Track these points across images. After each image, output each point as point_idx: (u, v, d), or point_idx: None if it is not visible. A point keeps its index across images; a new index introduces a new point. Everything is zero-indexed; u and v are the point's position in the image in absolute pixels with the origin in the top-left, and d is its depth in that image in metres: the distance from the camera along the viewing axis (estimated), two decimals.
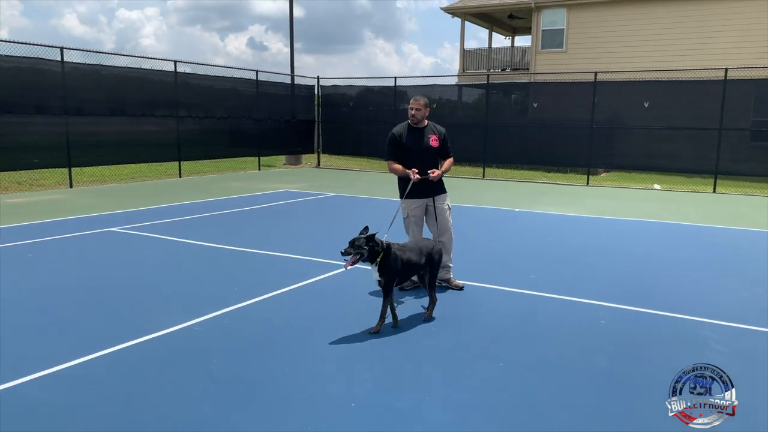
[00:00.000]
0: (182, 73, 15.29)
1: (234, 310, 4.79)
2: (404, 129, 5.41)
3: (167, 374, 3.63)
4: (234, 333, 4.32)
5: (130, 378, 3.57)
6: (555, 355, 4.04)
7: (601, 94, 15.52)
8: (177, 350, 3.98)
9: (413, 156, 5.28)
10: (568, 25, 20.95)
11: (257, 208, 10.25)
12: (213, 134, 16.57)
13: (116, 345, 4.00)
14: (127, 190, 12.35)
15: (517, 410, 3.26)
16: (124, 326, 4.38)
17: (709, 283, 5.89)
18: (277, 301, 5.09)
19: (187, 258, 6.62)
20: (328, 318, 4.69)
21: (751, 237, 8.44)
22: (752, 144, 15.03)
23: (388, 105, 18.64)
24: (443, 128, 5.52)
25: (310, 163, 20.12)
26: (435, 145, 5.36)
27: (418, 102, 5.32)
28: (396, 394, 3.41)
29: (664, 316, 4.83)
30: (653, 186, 14.86)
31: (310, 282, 5.67)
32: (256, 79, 17.52)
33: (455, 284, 5.47)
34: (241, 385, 3.49)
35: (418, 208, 5.38)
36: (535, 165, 17.47)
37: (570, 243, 7.70)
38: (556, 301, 5.20)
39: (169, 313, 4.66)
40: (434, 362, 3.88)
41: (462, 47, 24.32)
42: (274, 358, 3.88)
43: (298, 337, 4.28)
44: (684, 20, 18.88)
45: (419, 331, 4.46)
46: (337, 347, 4.09)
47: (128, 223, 8.43)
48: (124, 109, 13.99)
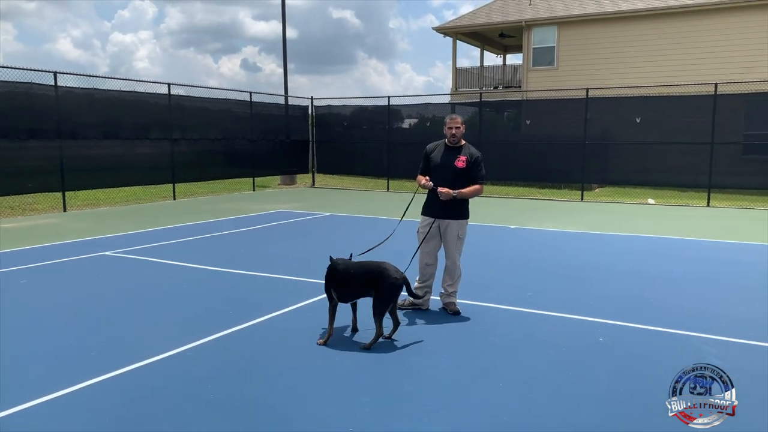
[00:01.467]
0: (176, 95, 15.33)
1: (229, 334, 4.73)
2: (437, 146, 5.34)
3: (163, 401, 3.57)
4: (230, 357, 4.27)
5: (124, 405, 3.50)
6: (554, 373, 4.00)
7: (593, 110, 15.63)
8: (172, 376, 3.92)
9: (435, 173, 5.21)
10: (558, 43, 21.17)
11: (251, 230, 10.22)
12: (207, 156, 16.57)
13: (110, 372, 3.94)
14: (121, 214, 12.30)
15: (518, 430, 3.21)
16: (118, 352, 4.32)
17: (708, 297, 5.87)
18: (272, 324, 5.04)
19: (181, 281, 6.57)
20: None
21: (748, 250, 8.45)
22: (744, 157, 15.13)
23: (382, 124, 18.71)
24: (479, 152, 5.29)
25: (305, 183, 20.13)
26: (460, 165, 5.15)
27: (455, 120, 5.18)
28: (394, 417, 3.36)
29: (664, 332, 4.80)
30: (648, 201, 14.91)
31: (306, 303, 5.62)
32: (250, 101, 17.58)
33: (453, 309, 5.31)
34: (238, 410, 3.43)
35: (426, 226, 5.25)
36: (529, 181, 17.53)
37: (566, 259, 7.68)
38: (554, 319, 5.17)
39: (165, 338, 4.60)
40: (433, 383, 3.83)
41: (454, 66, 24.52)
42: (271, 382, 3.82)
43: (294, 359, 4.23)
44: (673, 36, 19.11)
45: (417, 352, 4.41)
46: (334, 369, 4.04)
47: (122, 247, 8.37)
48: (118, 132, 13.99)
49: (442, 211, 5.17)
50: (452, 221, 5.20)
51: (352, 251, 4.65)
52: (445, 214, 5.18)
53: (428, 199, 5.29)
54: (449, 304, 5.35)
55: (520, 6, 22.81)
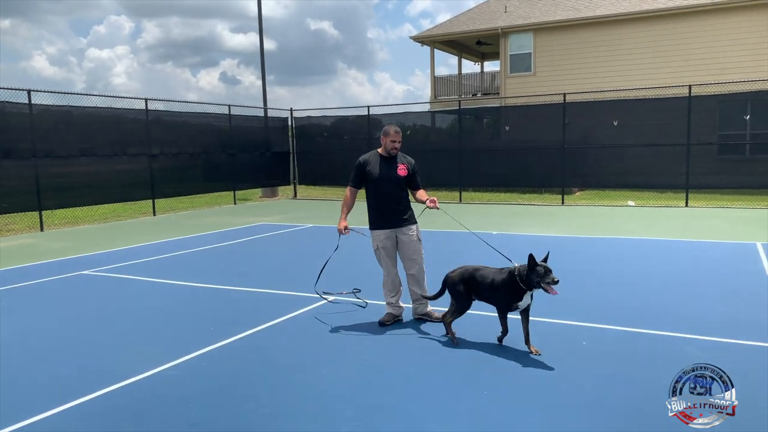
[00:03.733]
0: (154, 110, 15.21)
1: (211, 351, 4.67)
2: (372, 157, 5.29)
3: (143, 422, 3.50)
4: (212, 375, 4.20)
5: (104, 428, 3.43)
6: (538, 378, 4.00)
7: (571, 114, 15.79)
8: (153, 396, 3.85)
9: (377, 184, 5.20)
10: (535, 49, 21.39)
11: (233, 244, 10.13)
12: (187, 170, 16.44)
13: (90, 393, 3.86)
14: (100, 231, 12.13)
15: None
16: (98, 373, 4.23)
17: (689, 297, 5.92)
18: (254, 340, 4.98)
19: (162, 299, 6.47)
20: (307, 354, 4.60)
21: (726, 249, 8.55)
22: (720, 157, 15.38)
23: (362, 133, 18.73)
24: (413, 159, 5.38)
25: (286, 195, 20.05)
26: (402, 174, 5.21)
27: (399, 135, 5.21)
28: (380, 431, 3.32)
29: (647, 334, 4.82)
30: (627, 203, 15.06)
31: (289, 317, 5.57)
32: (228, 114, 17.49)
33: (435, 317, 5.29)
34: (220, 429, 3.37)
35: (387, 239, 5.22)
36: (510, 187, 17.62)
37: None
38: (537, 324, 5.16)
39: (146, 357, 4.52)
40: (417, 394, 3.80)
41: (432, 74, 24.65)
42: (254, 399, 3.77)
43: (277, 375, 4.18)
44: (648, 40, 19.40)
45: (401, 361, 4.39)
46: (317, 384, 4.00)
47: (101, 265, 8.25)
48: (96, 149, 13.82)
49: (399, 220, 5.20)
50: (410, 227, 5.23)
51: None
52: (401, 222, 5.21)
53: (380, 213, 5.23)
54: (429, 312, 5.33)
55: (496, 13, 23.04)
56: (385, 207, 5.21)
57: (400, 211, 5.21)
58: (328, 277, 6.28)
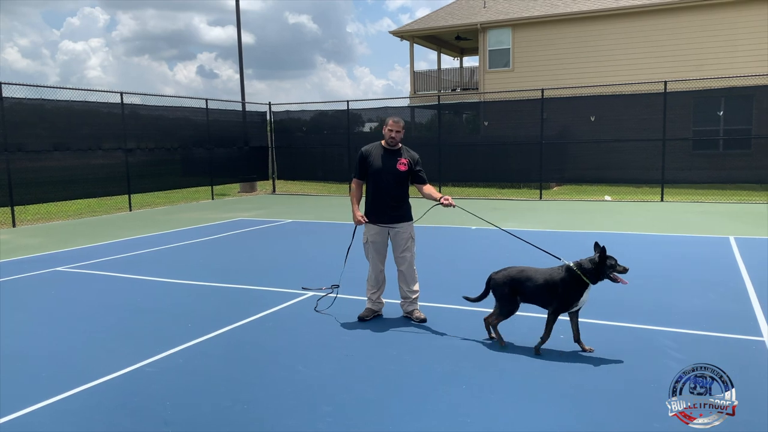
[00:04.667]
0: (130, 104, 14.98)
1: (188, 348, 4.62)
2: (374, 148, 5.17)
3: (116, 421, 3.44)
4: (188, 372, 4.15)
5: (77, 427, 3.37)
6: (517, 373, 4.02)
7: (549, 110, 15.90)
8: (127, 394, 3.79)
9: (375, 177, 5.07)
10: (513, 45, 21.48)
11: (210, 239, 10.03)
12: (164, 165, 16.22)
13: (62, 393, 3.79)
14: (74, 227, 11.93)
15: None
16: (71, 372, 4.16)
17: (663, 290, 6.00)
18: (232, 336, 4.93)
19: (138, 295, 6.38)
20: (286, 350, 4.57)
21: (700, 243, 8.69)
22: (694, 153, 15.62)
23: (342, 128, 18.65)
24: (417, 154, 5.25)
25: (265, 190, 19.91)
26: (402, 169, 5.07)
27: (399, 124, 5.08)
28: (358, 426, 3.31)
29: (622, 327, 4.88)
30: (604, 197, 15.23)
31: (267, 313, 5.53)
32: (206, 108, 17.30)
33: (417, 316, 5.19)
34: (198, 427, 3.34)
35: (379, 234, 5.12)
36: (489, 182, 17.71)
37: (526, 258, 7.74)
38: (516, 318, 5.18)
39: (120, 355, 4.45)
40: (398, 389, 3.80)
41: (412, 69, 24.64)
42: (231, 396, 3.73)
43: (254, 371, 4.14)
44: (624, 36, 19.59)
45: (380, 357, 4.38)
46: (296, 380, 3.97)
47: (76, 262, 8.11)
48: (70, 143, 13.57)
49: (393, 216, 5.10)
50: (404, 224, 5.14)
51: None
52: (397, 219, 5.11)
53: (375, 206, 5.12)
54: (414, 311, 5.24)
55: (475, 9, 23.08)
56: (381, 201, 5.09)
57: (397, 207, 5.10)
58: (314, 271, 6.25)
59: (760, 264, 7.12)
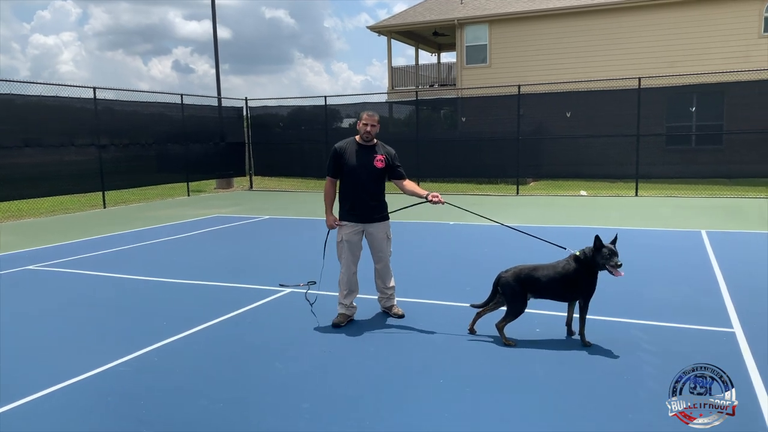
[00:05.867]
0: (103, 99, 14.72)
1: (163, 346, 4.56)
2: (349, 145, 4.97)
3: (89, 420, 3.39)
4: (163, 371, 4.11)
5: (49, 427, 3.31)
6: (495, 367, 4.05)
7: (526, 106, 16.01)
8: (101, 393, 3.73)
9: (351, 175, 4.90)
10: (490, 41, 21.58)
11: (186, 236, 9.92)
12: (138, 161, 15.99)
13: (33, 393, 3.72)
14: (46, 225, 11.71)
15: (460, 428, 3.22)
16: (42, 371, 4.08)
17: (636, 283, 6.08)
18: (208, 334, 4.89)
19: (112, 293, 6.29)
20: (262, 347, 4.54)
21: (673, 237, 8.84)
22: (668, 148, 15.88)
23: (320, 124, 18.56)
24: (392, 149, 5.10)
25: (242, 186, 19.75)
26: (380, 166, 4.90)
27: (374, 118, 4.91)
28: (336, 423, 3.31)
29: (596, 320, 4.94)
30: (580, 192, 15.40)
31: (244, 310, 5.49)
32: (181, 103, 17.09)
33: (395, 312, 5.17)
34: (171, 426, 3.30)
35: (354, 233, 4.95)
36: (467, 177, 17.79)
37: (502, 253, 7.82)
38: (492, 313, 5.23)
39: (93, 354, 4.38)
40: (374, 385, 3.80)
41: (390, 65, 24.62)
42: (206, 394, 3.70)
43: (230, 369, 4.11)
44: (600, 32, 19.80)
45: (357, 354, 4.38)
46: (273, 377, 3.95)
47: (47, 260, 7.96)
48: (41, 139, 13.29)
49: (370, 215, 4.95)
50: (380, 223, 5.00)
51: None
52: (373, 218, 4.97)
53: (351, 204, 4.95)
54: (392, 307, 5.20)
55: (452, 5, 23.13)
56: (357, 199, 4.91)
57: (374, 205, 4.95)
58: (291, 267, 6.22)
59: (731, 257, 7.27)
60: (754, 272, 6.50)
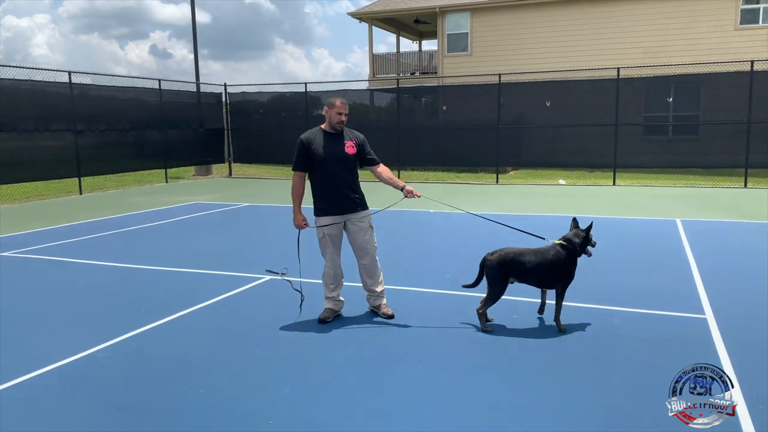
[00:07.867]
0: (78, 84, 14.46)
1: (141, 333, 4.54)
2: (315, 135, 4.70)
3: (67, 407, 3.37)
4: (142, 357, 4.09)
5: (26, 414, 3.29)
6: (472, 353, 4.10)
7: (506, 95, 16.07)
8: (79, 380, 3.71)
9: (322, 165, 4.63)
10: (471, 29, 21.57)
11: (164, 223, 9.83)
12: (115, 147, 15.77)
13: (8, 381, 3.68)
14: (20, 211, 11.51)
15: (436, 412, 3.27)
16: (19, 359, 4.04)
17: (612, 271, 6.19)
18: (187, 320, 4.87)
19: (88, 280, 6.22)
20: (243, 334, 4.55)
21: (649, 225, 8.98)
22: (645, 138, 16.06)
23: (300, 111, 18.45)
24: (361, 134, 4.88)
25: (221, 173, 19.58)
26: (351, 152, 4.69)
27: (347, 106, 4.67)
28: (316, 407, 3.34)
29: (573, 307, 5.01)
30: (558, 181, 15.54)
31: (223, 297, 5.47)
32: (159, 88, 16.85)
33: (384, 312, 4.86)
34: (150, 412, 3.30)
35: (335, 226, 4.70)
36: (447, 166, 17.84)
37: (481, 241, 7.87)
38: (471, 299, 5.27)
39: (69, 341, 4.35)
40: (355, 370, 3.83)
41: (371, 52, 24.50)
42: (186, 381, 3.70)
43: (210, 356, 4.11)
44: (580, 22, 19.89)
45: (336, 340, 4.40)
46: (253, 364, 3.96)
47: (22, 247, 7.84)
48: (15, 124, 13.04)
49: (349, 205, 4.72)
50: (360, 213, 4.76)
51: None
52: (353, 208, 4.72)
53: (326, 196, 4.69)
54: (381, 306, 4.90)
55: None
56: (332, 191, 4.66)
57: (350, 195, 4.69)
58: (270, 255, 6.19)
59: (704, 245, 7.42)
60: (726, 260, 6.65)
